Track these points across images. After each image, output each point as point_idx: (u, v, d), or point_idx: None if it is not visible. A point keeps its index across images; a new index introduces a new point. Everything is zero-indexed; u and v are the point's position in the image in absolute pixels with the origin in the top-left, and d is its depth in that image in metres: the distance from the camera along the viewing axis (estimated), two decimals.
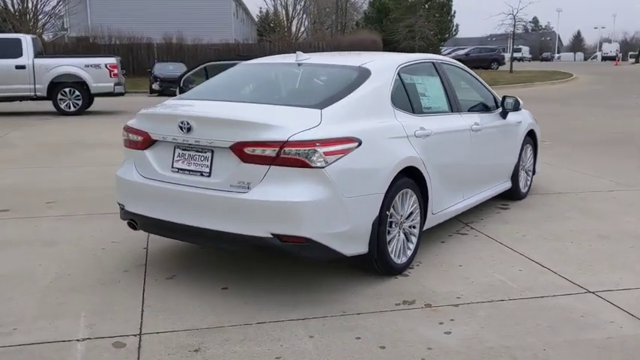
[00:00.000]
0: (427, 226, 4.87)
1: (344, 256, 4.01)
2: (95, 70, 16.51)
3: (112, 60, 16.96)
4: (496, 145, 6.05)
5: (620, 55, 76.59)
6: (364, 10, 48.05)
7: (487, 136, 5.76)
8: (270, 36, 42.21)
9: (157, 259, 4.85)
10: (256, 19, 65.28)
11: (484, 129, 5.67)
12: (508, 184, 6.54)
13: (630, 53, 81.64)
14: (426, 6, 38.77)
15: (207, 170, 4.02)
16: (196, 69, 6.52)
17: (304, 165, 3.74)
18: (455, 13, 43.80)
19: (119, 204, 4.58)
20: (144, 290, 4.23)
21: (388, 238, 4.29)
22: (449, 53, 46.10)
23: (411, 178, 4.48)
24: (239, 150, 3.84)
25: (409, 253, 4.59)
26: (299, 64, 4.89)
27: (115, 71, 16.73)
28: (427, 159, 4.62)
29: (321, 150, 3.75)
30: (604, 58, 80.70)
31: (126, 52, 33.82)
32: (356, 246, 4.05)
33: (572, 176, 8.31)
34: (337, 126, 3.96)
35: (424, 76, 5.23)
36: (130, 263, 4.78)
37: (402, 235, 4.49)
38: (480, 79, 6.23)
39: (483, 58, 42.87)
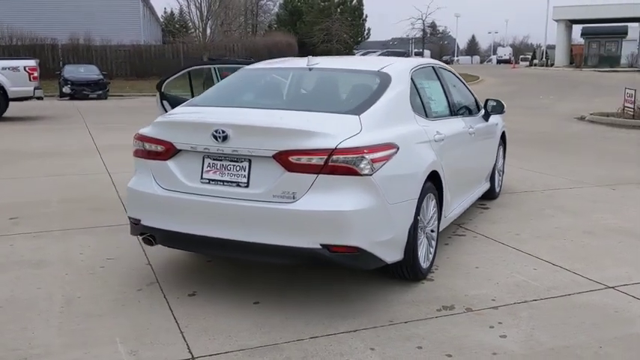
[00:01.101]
0: (440, 229, 4.91)
1: (386, 263, 3.95)
2: (13, 74, 15.37)
3: (32, 62, 15.87)
4: (482, 147, 6.21)
5: (513, 58, 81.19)
6: (276, 12, 48.06)
7: (477, 138, 5.89)
8: (184, 37, 41.20)
9: (168, 276, 4.57)
10: (161, 20, 63.50)
11: (476, 132, 5.79)
12: (487, 185, 6.72)
13: (521, 56, 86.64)
14: (339, 10, 39.30)
15: (245, 181, 3.82)
16: (179, 74, 6.20)
17: (353, 173, 3.65)
18: (366, 17, 44.87)
19: (132, 218, 4.27)
20: (171, 309, 3.96)
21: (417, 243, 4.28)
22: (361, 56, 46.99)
23: (432, 183, 4.49)
24: (284, 159, 3.68)
25: (430, 257, 4.60)
26: (310, 69, 4.77)
27: (35, 74, 15.66)
28: (443, 163, 4.66)
29: (369, 157, 3.68)
30: (499, 62, 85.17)
31: (28, 53, 31.73)
32: (396, 253, 4.00)
33: (529, 175, 8.68)
34: (377, 132, 3.90)
35: (429, 80, 5.27)
36: (139, 281, 4.46)
37: (426, 240, 4.50)
38: (465, 82, 6.36)
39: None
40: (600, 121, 16.71)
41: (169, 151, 4.03)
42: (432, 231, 4.62)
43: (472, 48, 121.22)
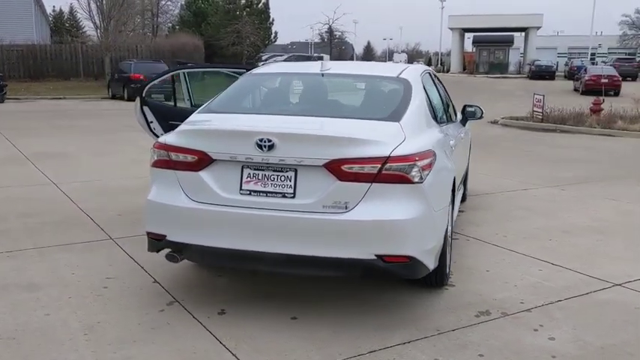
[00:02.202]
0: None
1: (429, 271, 3.93)
2: None
3: None
4: (463, 151, 6.35)
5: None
6: (178, 13, 46.77)
7: (462, 143, 6.02)
8: (80, 37, 39.04)
9: (185, 294, 4.28)
10: (50, 18, 59.97)
11: (464, 137, 5.93)
12: (462, 188, 6.89)
13: (414, 62, 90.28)
14: (245, 12, 38.91)
15: (291, 191, 3.65)
16: (162, 77, 5.79)
17: (405, 181, 3.59)
18: (273, 20, 44.71)
19: (153, 234, 3.96)
20: (209, 330, 3.71)
21: None
22: (267, 59, 46.85)
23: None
24: (336, 168, 3.56)
25: (449, 262, 4.64)
26: (322, 74, 4.65)
27: None
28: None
29: (420, 164, 3.64)
30: None
31: None
32: (435, 260, 3.99)
33: (481, 178, 8.97)
34: (417, 138, 3.87)
35: (430, 86, 5.31)
36: (156, 301, 4.15)
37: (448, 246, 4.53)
38: (445, 87, 6.48)
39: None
40: (512, 125, 17.68)
41: (203, 162, 3.77)
42: (449, 236, 4.66)
43: (368, 53, 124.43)
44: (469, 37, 60.17)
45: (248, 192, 3.72)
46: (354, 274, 3.82)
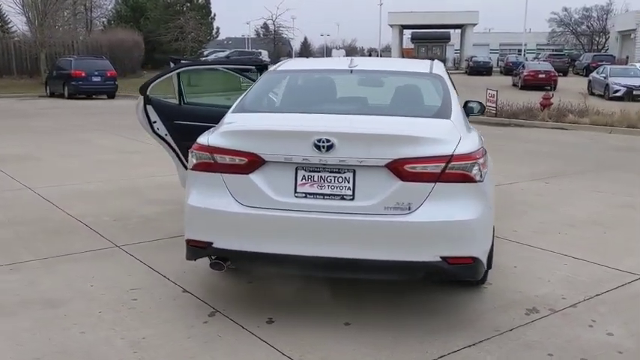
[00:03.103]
0: None
1: (486, 271, 3.86)
2: None
3: None
4: None
5: None
6: (113, 8, 45.10)
7: None
8: (8, 33, 37.05)
9: (225, 303, 4.04)
10: None
11: None
12: None
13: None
14: (185, 7, 38.01)
15: (350, 193, 3.50)
16: (166, 76, 5.43)
17: (468, 180, 3.51)
18: (215, 15, 43.88)
19: (196, 241, 3.71)
20: (264, 341, 3.52)
21: None
22: (207, 55, 46.00)
23: None
24: (399, 168, 3.43)
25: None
26: (351, 71, 4.49)
27: None
28: None
29: (480, 162, 3.57)
30: None
31: None
32: (488, 259, 3.93)
33: None
34: (469, 136, 3.80)
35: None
36: (196, 312, 3.91)
37: None
38: None
39: (245, 62, 43.64)
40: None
41: (253, 164, 3.56)
42: None
43: (305, 50, 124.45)
44: (407, 33, 61.14)
45: (304, 195, 3.54)
46: (416, 277, 3.71)
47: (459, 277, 3.68)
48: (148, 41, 37.43)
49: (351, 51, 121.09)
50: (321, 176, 3.53)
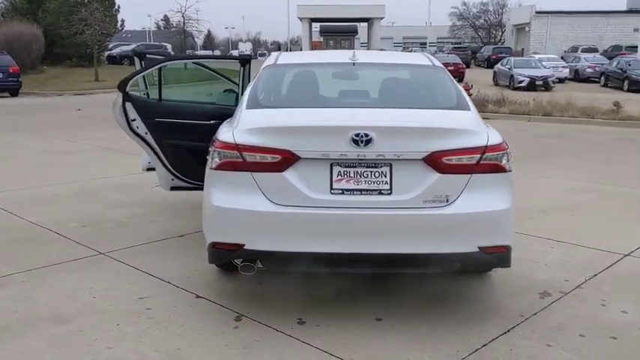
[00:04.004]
0: None
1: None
2: None
3: None
4: None
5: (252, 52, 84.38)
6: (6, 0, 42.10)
7: None
8: None
9: (247, 305, 3.90)
10: None
11: None
12: None
13: (259, 51, 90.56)
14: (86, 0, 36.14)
15: (387, 187, 3.47)
16: (147, 70, 5.07)
17: (500, 170, 3.59)
18: (119, 7, 42.05)
19: (225, 244, 3.55)
20: (306, 343, 3.43)
21: None
22: (112, 48, 44.16)
23: None
24: (436, 161, 3.44)
25: None
26: (354, 64, 4.44)
27: None
28: None
29: (509, 152, 3.65)
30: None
31: None
32: None
33: None
34: (491, 128, 3.87)
35: None
36: (220, 318, 3.76)
37: None
38: None
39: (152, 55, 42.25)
40: None
41: (287, 161, 3.44)
42: None
43: (209, 43, 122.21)
44: (316, 27, 61.48)
45: (340, 191, 3.47)
46: (452, 269, 3.73)
47: (492, 266, 3.74)
48: (47, 35, 35.27)
49: (256, 44, 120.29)
50: (357, 171, 3.47)
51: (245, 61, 5.31)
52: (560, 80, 28.81)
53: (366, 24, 59.91)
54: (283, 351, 3.34)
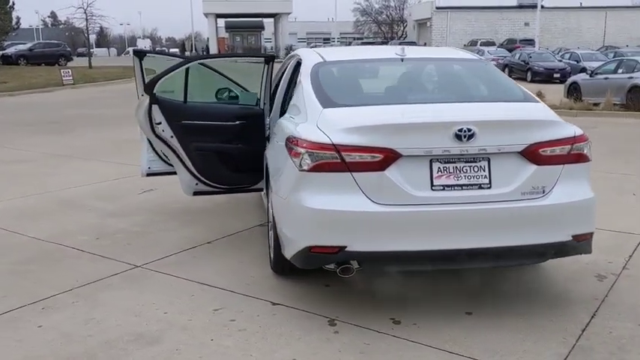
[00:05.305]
0: None
1: None
2: None
3: None
4: None
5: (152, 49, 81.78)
6: None
7: None
8: None
9: (333, 308, 3.79)
10: None
11: None
12: None
13: (156, 49, 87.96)
14: None
15: (487, 181, 3.49)
16: (174, 71, 4.66)
17: (585, 159, 3.72)
18: (14, 4, 39.06)
19: (326, 247, 3.43)
20: (417, 343, 3.38)
21: None
22: (5, 47, 41.23)
23: None
24: (534, 153, 3.50)
25: None
26: (402, 59, 4.41)
27: None
28: None
29: (590, 142, 3.78)
30: None
31: None
32: None
33: None
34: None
35: None
36: (311, 324, 3.64)
37: None
38: None
39: (49, 54, 39.77)
40: None
41: (388, 159, 3.38)
42: None
43: (102, 40, 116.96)
44: (221, 23, 60.50)
45: (441, 187, 3.45)
46: (546, 259, 3.80)
47: (579, 252, 3.83)
48: None
49: (153, 41, 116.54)
50: (456, 167, 3.47)
51: (269, 59, 5.13)
52: None
53: (272, 19, 59.71)
54: (403, 353, 3.28)
